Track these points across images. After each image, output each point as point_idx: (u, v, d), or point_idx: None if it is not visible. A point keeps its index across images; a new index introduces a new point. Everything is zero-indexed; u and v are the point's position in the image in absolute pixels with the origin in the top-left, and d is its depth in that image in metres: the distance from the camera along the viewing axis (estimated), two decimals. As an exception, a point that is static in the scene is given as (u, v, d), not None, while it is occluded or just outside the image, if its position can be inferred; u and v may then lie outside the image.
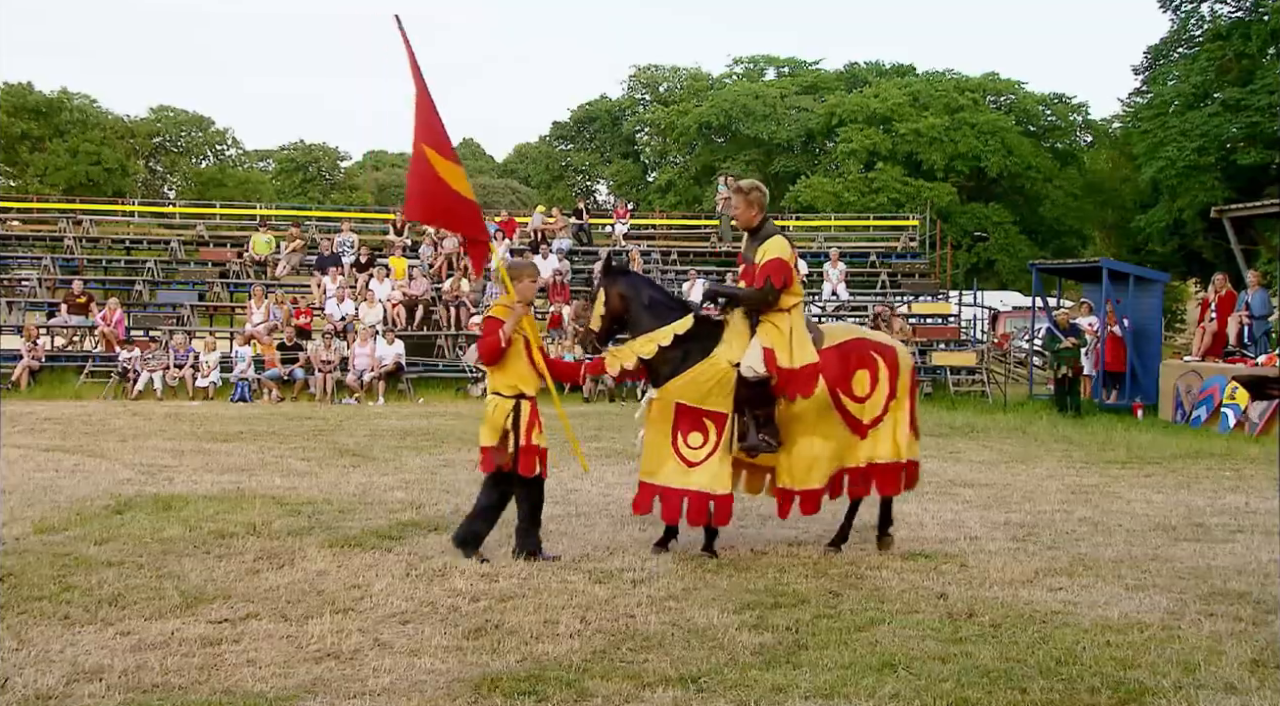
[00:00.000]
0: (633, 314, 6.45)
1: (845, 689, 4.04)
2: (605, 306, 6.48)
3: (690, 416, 6.25)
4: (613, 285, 6.52)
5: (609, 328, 6.58)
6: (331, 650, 4.50)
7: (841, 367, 6.32)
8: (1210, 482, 9.50)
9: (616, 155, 55.18)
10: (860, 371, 6.36)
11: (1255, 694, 3.99)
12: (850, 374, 6.33)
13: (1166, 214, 30.22)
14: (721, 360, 6.23)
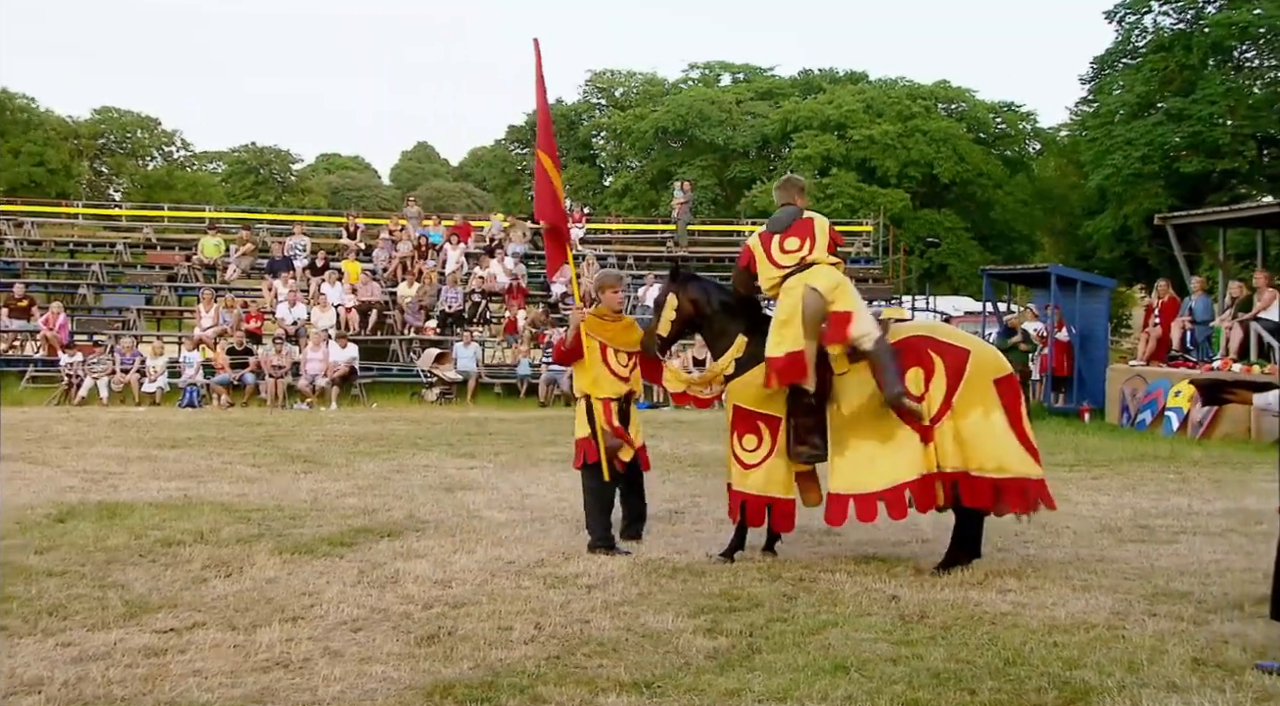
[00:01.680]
0: (706, 316, 6.68)
1: (798, 692, 4.07)
2: (677, 311, 6.64)
3: (746, 419, 6.35)
4: (683, 291, 6.70)
5: (679, 332, 6.80)
6: (280, 659, 4.44)
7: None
8: (1155, 485, 9.70)
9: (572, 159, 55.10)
10: (914, 369, 6.07)
11: (1196, 692, 4.08)
12: (904, 371, 6.07)
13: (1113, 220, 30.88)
14: None
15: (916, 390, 6.05)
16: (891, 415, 6.06)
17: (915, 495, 6.08)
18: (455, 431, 13.88)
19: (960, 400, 6.03)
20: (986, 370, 6.14)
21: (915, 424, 6.05)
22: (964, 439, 6.01)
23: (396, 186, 61.96)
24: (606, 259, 24.68)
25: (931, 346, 6.17)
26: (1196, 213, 18.25)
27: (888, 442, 6.10)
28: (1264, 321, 14.23)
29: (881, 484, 6.09)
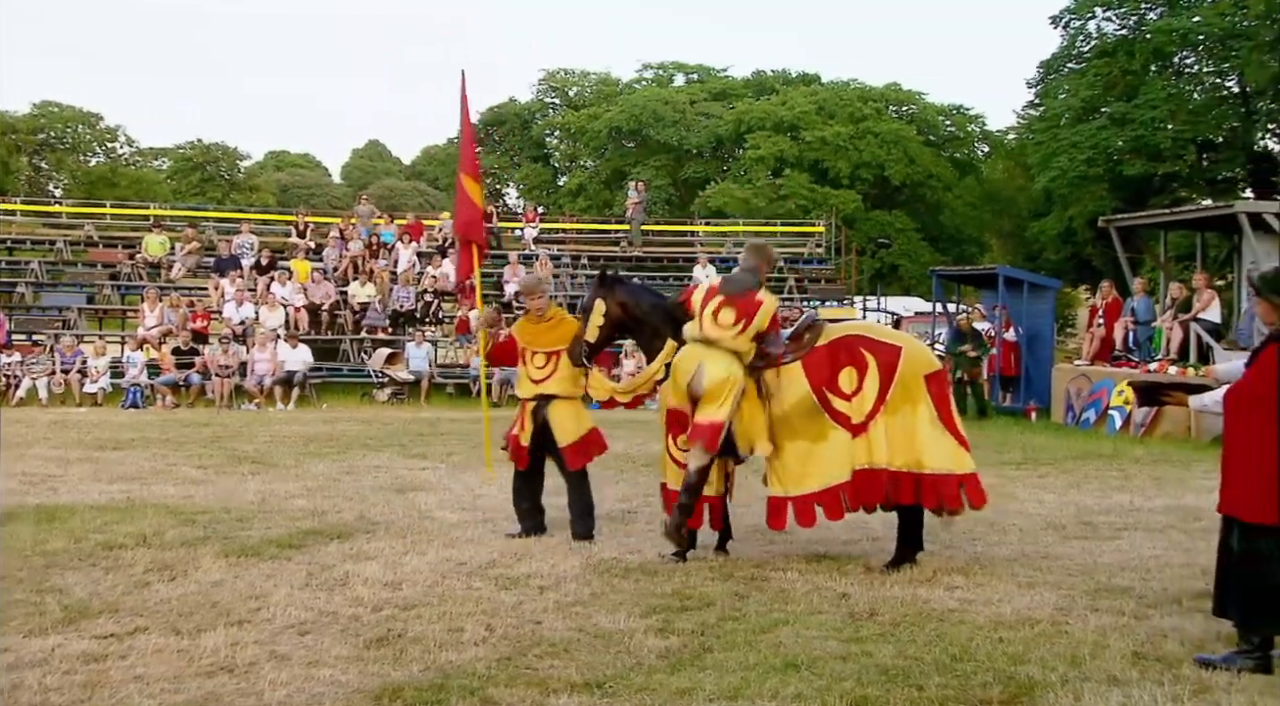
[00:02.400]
0: (637, 319, 6.68)
1: (749, 690, 4.09)
2: (605, 316, 6.61)
3: (680, 420, 6.34)
4: (611, 295, 6.67)
5: (608, 337, 6.81)
6: (225, 663, 4.37)
7: (830, 366, 6.20)
8: (1098, 483, 9.89)
9: (526, 159, 54.91)
10: (847, 368, 6.17)
11: (1136, 685, 4.17)
12: (837, 371, 6.17)
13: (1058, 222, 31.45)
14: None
15: (850, 388, 6.16)
16: (824, 415, 6.15)
17: (850, 494, 6.16)
18: (407, 432, 13.76)
19: (893, 397, 6.13)
20: (918, 367, 6.26)
21: (847, 422, 6.14)
22: (895, 435, 6.11)
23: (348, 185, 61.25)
24: (560, 258, 24.64)
25: (864, 345, 6.26)
26: (1139, 215, 18.64)
27: (820, 443, 6.16)
28: (1203, 322, 14.59)
29: (817, 485, 6.15)
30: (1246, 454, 4.44)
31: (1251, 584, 4.41)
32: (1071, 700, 4.00)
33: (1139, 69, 30.55)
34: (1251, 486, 4.40)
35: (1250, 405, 4.46)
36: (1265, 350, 4.54)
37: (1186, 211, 18.62)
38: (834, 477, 6.13)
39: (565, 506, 7.10)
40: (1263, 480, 4.36)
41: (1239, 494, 4.46)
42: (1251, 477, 4.40)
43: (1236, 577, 4.47)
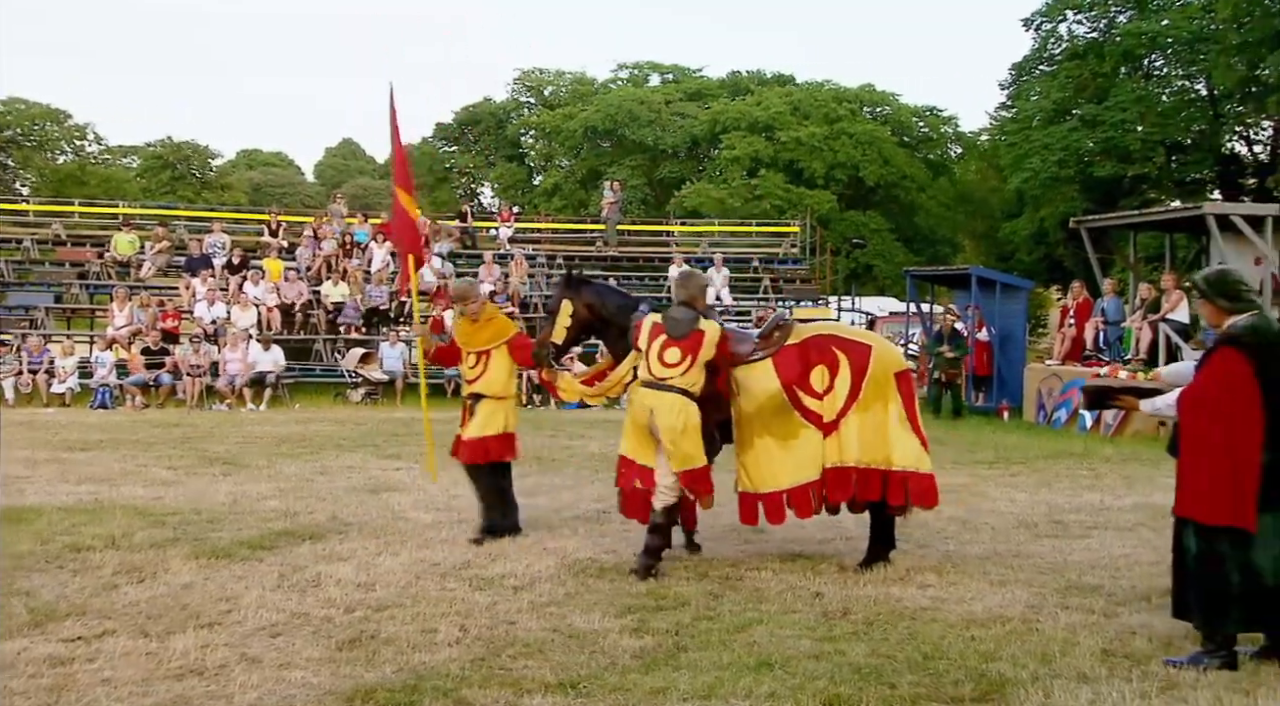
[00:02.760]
0: (604, 320, 6.67)
1: (723, 689, 4.10)
2: (573, 318, 6.63)
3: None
4: (579, 296, 6.67)
5: (575, 338, 6.81)
6: (195, 666, 4.34)
7: (801, 365, 6.22)
8: (1069, 482, 9.99)
9: (501, 158, 54.73)
10: (819, 367, 6.20)
11: (1105, 682, 4.22)
12: (809, 370, 6.20)
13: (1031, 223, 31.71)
14: None
15: (822, 387, 6.19)
16: (794, 413, 6.18)
17: (820, 492, 6.18)
18: (381, 432, 13.69)
19: (865, 395, 6.17)
20: (888, 365, 6.32)
21: (819, 421, 6.16)
22: (866, 433, 6.15)
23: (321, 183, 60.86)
24: (536, 258, 24.58)
25: (836, 344, 6.32)
26: (1109, 216, 18.85)
27: (791, 441, 6.18)
28: (1171, 322, 14.76)
29: (787, 483, 6.17)
30: (1201, 456, 4.49)
31: (1211, 585, 4.46)
32: (1042, 697, 4.04)
33: (1109, 71, 30.86)
34: (1207, 488, 4.44)
35: (1203, 407, 4.51)
36: (1215, 352, 4.59)
37: (1155, 213, 18.85)
38: (804, 475, 6.16)
39: (538, 507, 7.10)
40: (1218, 481, 4.41)
41: (1195, 496, 4.50)
42: (1207, 479, 4.45)
43: (1196, 580, 4.51)
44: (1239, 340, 4.51)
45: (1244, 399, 4.42)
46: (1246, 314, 4.59)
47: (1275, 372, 4.45)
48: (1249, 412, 4.41)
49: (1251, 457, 4.39)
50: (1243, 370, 4.44)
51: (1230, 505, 4.39)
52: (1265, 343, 4.50)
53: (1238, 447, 4.41)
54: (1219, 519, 4.42)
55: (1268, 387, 4.43)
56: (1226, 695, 4.07)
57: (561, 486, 9.01)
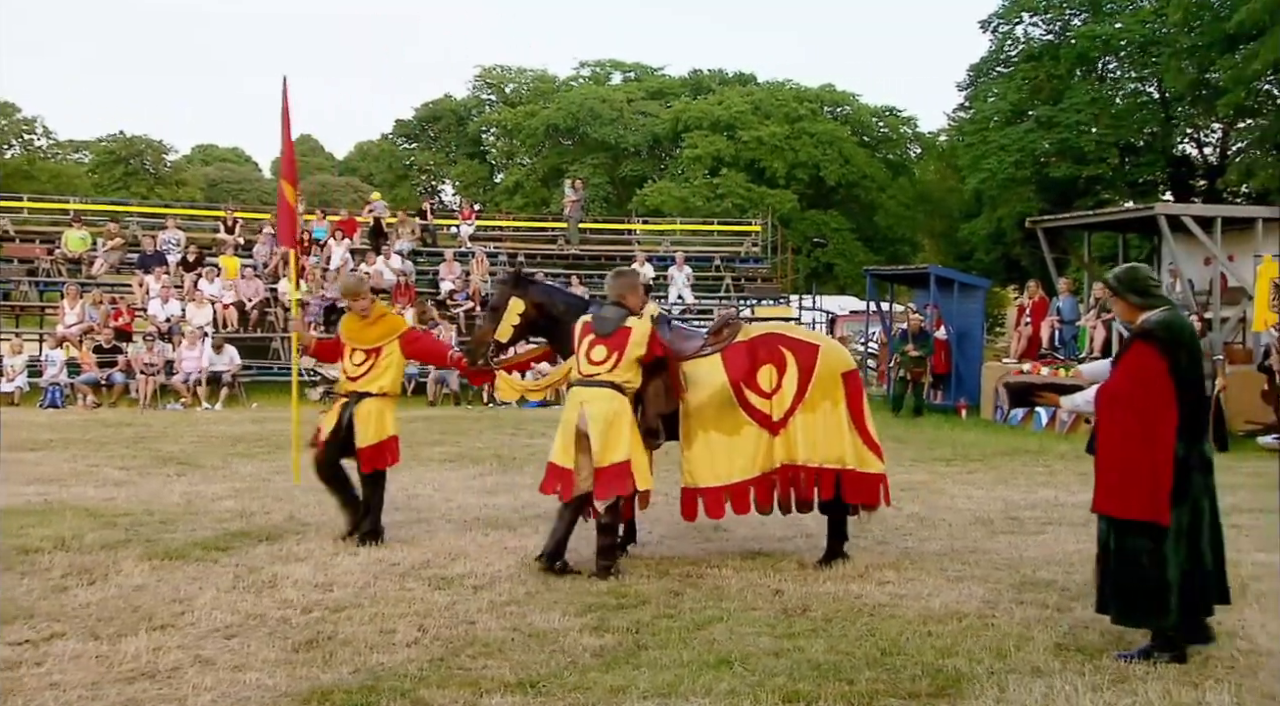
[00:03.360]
0: (552, 318, 6.58)
1: (682, 687, 4.10)
2: (521, 316, 6.53)
3: None
4: (526, 294, 6.60)
5: (521, 336, 6.73)
6: (147, 669, 4.26)
7: (749, 362, 6.22)
8: (1025, 478, 10.13)
9: (462, 155, 54.45)
10: (767, 366, 6.21)
11: (1059, 675, 4.28)
12: (757, 368, 6.22)
13: (988, 223, 32.10)
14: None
15: (770, 386, 6.19)
16: (740, 411, 6.19)
17: (763, 490, 6.19)
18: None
19: (812, 395, 6.20)
20: (836, 365, 6.36)
21: (766, 420, 6.18)
22: (814, 432, 6.17)
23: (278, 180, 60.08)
24: (497, 256, 24.48)
25: (784, 344, 6.32)
26: (1064, 216, 19.14)
27: (734, 437, 6.19)
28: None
29: (728, 478, 6.17)
30: (1117, 451, 4.53)
31: (1126, 581, 4.52)
32: (997, 692, 4.09)
33: (1064, 74, 31.34)
34: (1122, 483, 4.49)
35: (1119, 402, 4.56)
36: (1130, 348, 4.65)
37: (1109, 213, 19.18)
38: (745, 472, 6.18)
39: (498, 506, 7.06)
40: (1132, 476, 4.47)
41: (1110, 491, 4.55)
42: (1122, 474, 4.50)
43: (1113, 575, 4.57)
44: (1152, 335, 4.55)
45: (1158, 393, 4.47)
46: (1158, 309, 4.66)
47: (1187, 367, 4.54)
48: (1163, 407, 4.47)
49: (1166, 452, 4.45)
50: (1157, 365, 4.49)
51: (1145, 500, 4.44)
52: (1177, 338, 4.56)
53: (1153, 442, 4.45)
54: (1134, 513, 4.47)
55: (1180, 382, 4.50)
56: (1175, 687, 4.14)
57: (522, 485, 8.98)
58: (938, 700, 4.01)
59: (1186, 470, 4.49)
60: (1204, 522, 4.53)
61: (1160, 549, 4.45)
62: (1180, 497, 4.46)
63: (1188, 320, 4.82)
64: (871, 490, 6.27)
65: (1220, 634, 4.88)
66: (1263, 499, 8.88)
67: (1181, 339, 4.57)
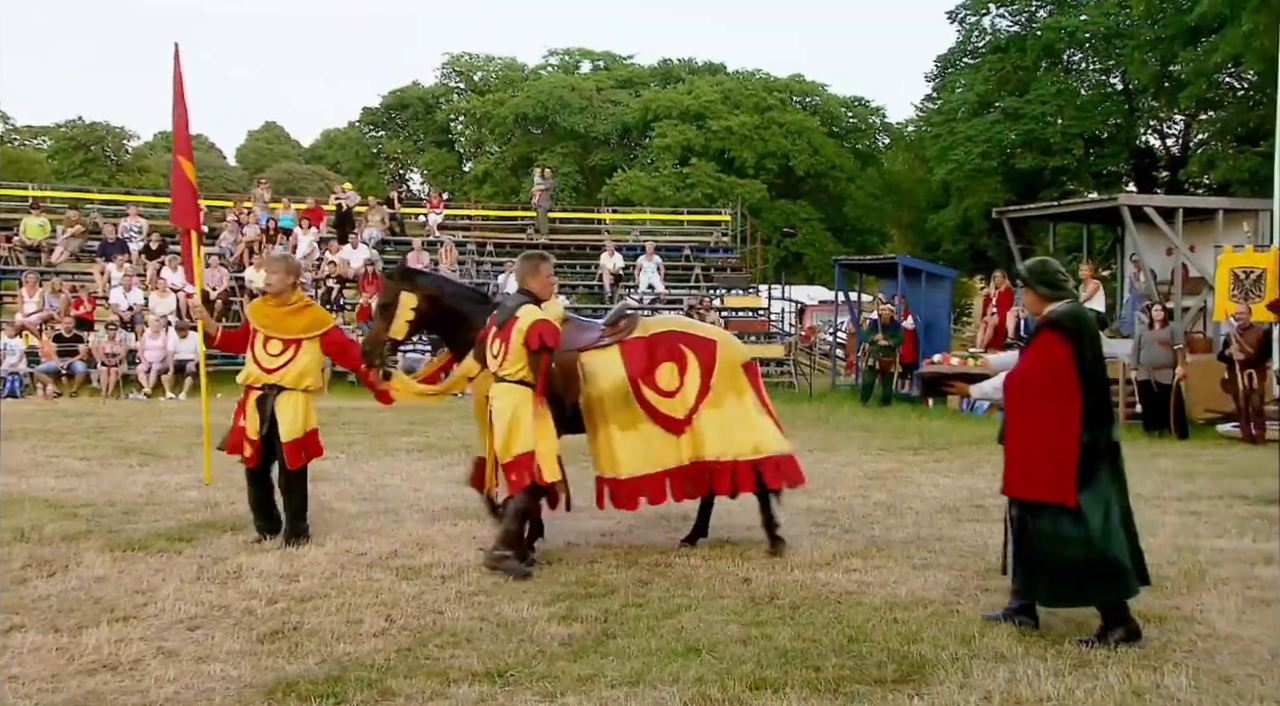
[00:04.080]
0: (446, 312, 6.35)
1: (650, 675, 4.12)
2: (415, 311, 6.27)
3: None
4: (417, 289, 6.34)
5: (415, 333, 6.51)
6: (108, 661, 4.22)
7: (649, 359, 6.19)
8: (991, 466, 10.20)
9: (430, 144, 54.03)
10: (667, 364, 6.18)
11: (1022, 661, 4.34)
12: (656, 366, 6.18)
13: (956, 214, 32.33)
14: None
15: (671, 385, 6.14)
16: (637, 407, 6.12)
17: (678, 483, 6.15)
18: (305, 421, 13.42)
19: (716, 389, 6.18)
20: (735, 357, 6.38)
21: (668, 421, 6.12)
22: (723, 426, 6.14)
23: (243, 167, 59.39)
24: (466, 245, 24.35)
25: (682, 340, 6.28)
26: (1029, 207, 19.34)
27: (630, 431, 6.12)
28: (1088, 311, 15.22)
29: (638, 470, 6.09)
30: (1025, 436, 4.70)
31: (1053, 563, 4.64)
32: (961, 677, 4.13)
33: (1030, 65, 31.58)
34: (1031, 466, 4.66)
35: (1027, 389, 4.74)
36: (1038, 336, 4.83)
37: (1073, 204, 19.41)
38: (651, 465, 6.11)
39: (467, 496, 7.03)
40: (1041, 460, 4.63)
41: (1020, 475, 4.71)
42: (1031, 458, 4.66)
43: (1039, 559, 4.69)
44: (1060, 324, 4.73)
45: (1064, 380, 4.64)
46: (1064, 301, 4.84)
47: (1091, 356, 4.72)
48: (1069, 393, 4.63)
49: (1071, 436, 4.60)
50: (1063, 353, 4.66)
51: (1052, 482, 4.60)
52: (1082, 328, 4.74)
53: (1059, 427, 4.61)
54: (1042, 495, 4.64)
55: (1084, 370, 4.66)
56: (1135, 671, 4.21)
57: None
58: (903, 686, 4.05)
59: (1093, 455, 4.62)
60: (1113, 507, 4.66)
61: (1067, 530, 4.60)
62: (1086, 482, 4.60)
63: (1089, 313, 5.00)
64: (794, 470, 6.25)
65: (1178, 618, 4.98)
66: (1221, 485, 9.05)
67: (1085, 329, 4.75)
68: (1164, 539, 6.79)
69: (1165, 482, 9.23)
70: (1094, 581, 4.60)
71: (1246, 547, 6.53)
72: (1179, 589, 5.52)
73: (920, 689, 4.02)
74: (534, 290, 5.97)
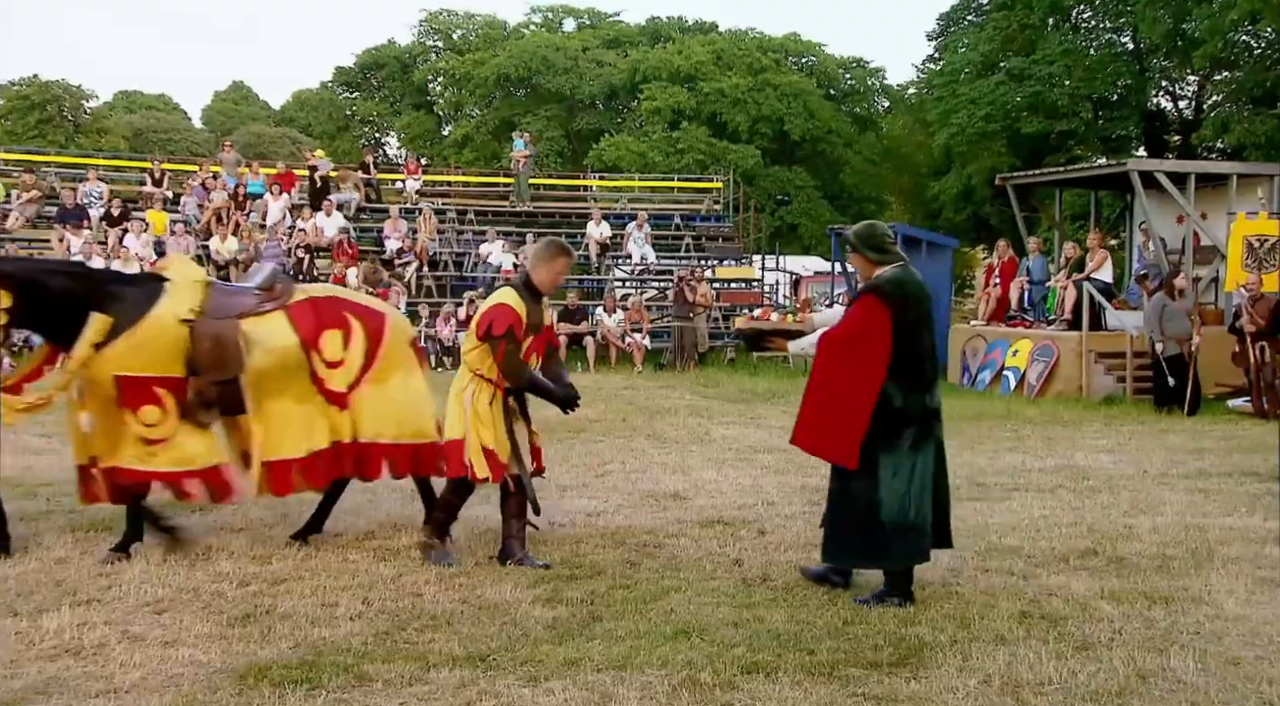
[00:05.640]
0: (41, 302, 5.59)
1: (638, 659, 4.14)
2: (8, 312, 5.51)
3: (140, 388, 5.56)
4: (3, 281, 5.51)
5: (8, 332, 5.74)
6: (71, 646, 4.22)
7: (316, 324, 5.90)
8: (991, 443, 10.29)
9: (407, 106, 53.56)
10: (332, 331, 5.91)
11: (1022, 643, 4.38)
12: (322, 332, 5.89)
13: (958, 181, 32.27)
14: (169, 316, 5.62)
15: (336, 355, 5.90)
16: (305, 378, 5.85)
17: (326, 464, 5.89)
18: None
19: (382, 365, 5.99)
20: (404, 334, 6.28)
21: (330, 391, 5.88)
22: (384, 406, 5.95)
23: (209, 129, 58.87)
24: (445, 213, 24.21)
25: (348, 309, 6.07)
26: (1034, 173, 19.29)
27: (306, 404, 5.85)
28: (1095, 281, 15.25)
29: (300, 450, 5.80)
30: (822, 392, 4.96)
31: (841, 522, 4.98)
32: (959, 660, 4.17)
33: (1037, 23, 31.40)
34: (821, 423, 4.92)
35: (834, 348, 4.98)
36: (859, 299, 5.06)
37: (1081, 169, 19.37)
38: (312, 444, 5.84)
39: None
40: (832, 418, 4.89)
41: (809, 428, 4.97)
42: (822, 415, 4.92)
43: (831, 516, 5.06)
44: (880, 289, 4.96)
45: (875, 343, 4.86)
46: (892, 266, 5.05)
47: (912, 322, 4.93)
48: (877, 357, 4.85)
49: (868, 400, 4.83)
50: (879, 318, 4.88)
51: (837, 442, 4.88)
52: (905, 294, 4.96)
53: (857, 388, 4.85)
54: (824, 453, 4.95)
55: (904, 335, 4.88)
56: (1140, 654, 4.25)
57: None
58: (900, 669, 4.08)
59: (903, 419, 4.87)
60: (919, 472, 4.89)
61: (880, 494, 4.84)
62: (892, 445, 4.85)
63: (918, 278, 5.18)
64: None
65: (1185, 599, 5.03)
66: (1231, 462, 9.12)
67: (909, 294, 4.98)
68: (1171, 517, 6.86)
69: (1174, 459, 9.30)
70: (885, 544, 4.86)
71: (1256, 526, 6.59)
72: (1186, 569, 5.58)
73: (918, 672, 4.05)
74: (536, 280, 5.66)
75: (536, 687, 3.88)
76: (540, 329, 5.69)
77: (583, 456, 9.01)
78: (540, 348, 5.77)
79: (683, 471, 8.47)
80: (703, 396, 14.27)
